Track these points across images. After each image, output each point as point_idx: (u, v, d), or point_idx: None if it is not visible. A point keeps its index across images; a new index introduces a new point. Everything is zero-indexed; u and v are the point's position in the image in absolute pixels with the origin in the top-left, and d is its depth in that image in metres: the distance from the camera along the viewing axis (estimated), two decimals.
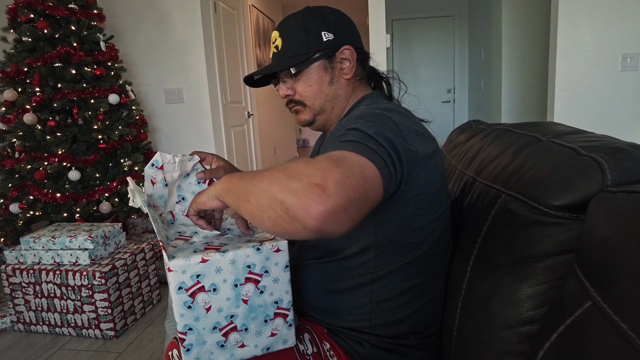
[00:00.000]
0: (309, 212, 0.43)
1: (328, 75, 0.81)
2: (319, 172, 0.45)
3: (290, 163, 0.48)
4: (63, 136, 2.16)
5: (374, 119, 0.63)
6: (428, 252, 0.72)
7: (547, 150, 0.65)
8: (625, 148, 0.54)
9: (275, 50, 0.82)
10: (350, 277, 0.72)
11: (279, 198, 0.45)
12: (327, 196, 0.43)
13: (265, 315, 0.65)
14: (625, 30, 2.36)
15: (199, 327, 0.62)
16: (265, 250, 0.63)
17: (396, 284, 0.72)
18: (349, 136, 0.57)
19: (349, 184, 0.45)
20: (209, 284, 0.61)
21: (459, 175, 0.94)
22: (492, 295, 0.62)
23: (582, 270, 0.42)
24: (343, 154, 0.51)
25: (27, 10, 2.14)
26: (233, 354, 0.65)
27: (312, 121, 0.85)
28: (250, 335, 0.65)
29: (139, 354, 1.65)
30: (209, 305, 0.62)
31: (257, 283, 0.64)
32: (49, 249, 1.81)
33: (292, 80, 0.82)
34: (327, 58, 0.80)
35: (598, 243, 0.40)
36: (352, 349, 0.74)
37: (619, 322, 0.32)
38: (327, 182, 0.43)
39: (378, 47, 2.60)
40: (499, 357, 0.59)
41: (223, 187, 0.58)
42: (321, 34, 0.79)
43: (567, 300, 0.42)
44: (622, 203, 0.42)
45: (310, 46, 0.79)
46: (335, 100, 0.82)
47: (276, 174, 0.47)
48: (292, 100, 0.84)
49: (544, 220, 0.57)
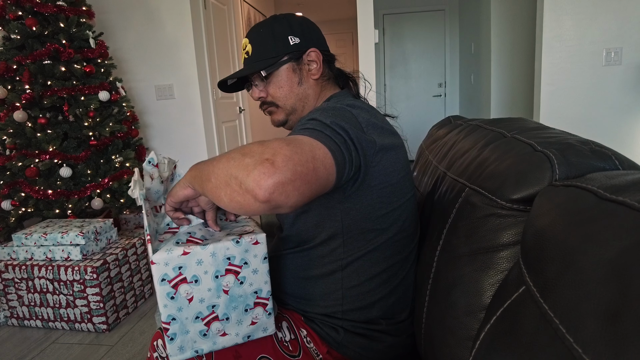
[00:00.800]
0: (259, 183, 0.48)
1: (297, 76, 0.85)
2: (270, 149, 0.50)
3: (246, 145, 0.54)
4: (54, 133, 2.18)
5: (333, 112, 0.67)
6: (393, 238, 0.76)
7: (508, 146, 0.68)
8: (575, 144, 0.58)
9: (246, 55, 0.87)
10: (322, 265, 0.76)
11: (233, 174, 0.50)
12: (275, 169, 0.48)
13: (246, 305, 0.68)
14: (609, 25, 2.39)
15: (182, 317, 0.65)
16: (244, 243, 0.66)
17: (365, 269, 0.76)
18: (307, 124, 0.62)
19: (297, 160, 0.50)
20: (190, 275, 0.64)
21: (433, 170, 0.97)
22: (455, 284, 0.66)
23: (523, 258, 0.45)
24: (296, 137, 0.56)
25: (15, 7, 2.15)
26: (215, 342, 0.68)
27: (285, 121, 0.89)
28: (231, 324, 0.68)
29: (131, 346, 1.69)
30: (191, 295, 0.65)
31: (237, 274, 0.67)
32: (40, 245, 1.83)
33: (263, 83, 0.86)
34: (295, 60, 0.84)
35: (535, 232, 0.43)
36: (328, 335, 0.78)
37: (542, 303, 0.36)
38: (276, 157, 0.49)
39: (367, 42, 2.62)
40: (461, 342, 0.63)
41: (191, 174, 0.63)
42: (288, 38, 0.83)
43: (508, 286, 0.46)
44: (560, 196, 0.45)
45: (278, 50, 0.83)
46: (305, 100, 0.86)
47: (233, 154, 0.53)
48: (265, 102, 0.88)
49: (500, 212, 0.60)
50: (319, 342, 0.77)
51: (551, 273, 0.38)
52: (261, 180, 0.47)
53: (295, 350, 0.76)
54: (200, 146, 3.03)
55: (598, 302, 0.32)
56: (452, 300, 0.66)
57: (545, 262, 0.39)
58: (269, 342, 0.76)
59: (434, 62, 4.86)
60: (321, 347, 0.77)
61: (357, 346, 0.77)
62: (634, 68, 2.41)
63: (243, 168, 0.49)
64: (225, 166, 0.52)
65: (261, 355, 0.75)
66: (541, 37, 2.49)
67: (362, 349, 0.77)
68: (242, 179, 0.49)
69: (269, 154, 0.49)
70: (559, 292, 0.35)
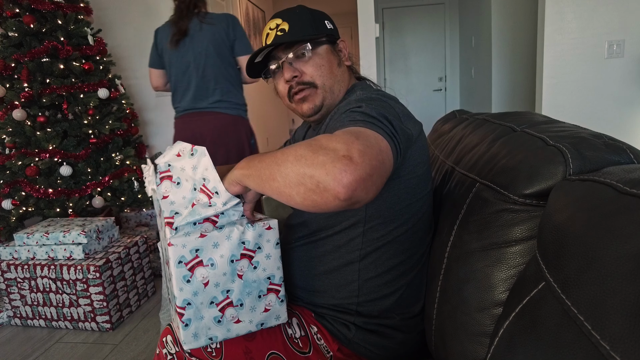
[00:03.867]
0: (340, 181, 0.46)
1: (336, 58, 0.83)
2: (343, 144, 0.49)
3: (311, 141, 0.52)
4: (53, 131, 2.16)
5: (374, 103, 0.66)
6: (412, 229, 0.76)
7: (519, 140, 0.68)
8: (588, 138, 0.57)
9: (281, 33, 0.79)
10: (339, 255, 0.76)
11: (308, 173, 0.48)
12: (354, 165, 0.47)
13: (259, 291, 0.69)
14: (610, 17, 2.38)
15: (197, 302, 0.64)
16: (258, 227, 0.67)
17: (383, 261, 0.75)
18: (357, 116, 0.60)
19: (370, 154, 0.49)
20: (207, 258, 0.64)
21: (440, 165, 0.97)
22: (467, 280, 0.65)
23: (540, 254, 0.45)
24: (358, 129, 0.55)
25: (12, 4, 2.13)
26: (229, 329, 0.67)
27: (320, 106, 0.81)
28: (245, 310, 0.68)
29: (135, 344, 1.68)
30: (207, 280, 0.65)
31: (250, 259, 0.67)
32: (42, 244, 1.83)
33: (301, 61, 0.79)
34: (331, 44, 0.83)
35: (553, 227, 0.43)
36: (339, 332, 0.77)
37: (565, 299, 0.35)
38: (352, 152, 0.47)
39: (367, 37, 2.60)
40: (473, 338, 0.62)
41: (243, 172, 0.60)
42: (324, 22, 0.83)
43: (526, 282, 0.45)
44: (577, 190, 0.45)
45: (319, 29, 0.81)
46: (341, 83, 0.83)
47: (301, 151, 0.50)
48: (301, 82, 0.79)
49: (513, 207, 0.60)
50: (329, 339, 0.77)
51: (572, 269, 0.37)
52: (343, 177, 0.46)
53: (306, 347, 0.76)
54: None
55: (624, 298, 0.31)
56: (464, 296, 0.65)
57: (566, 257, 0.38)
58: (279, 338, 0.76)
59: (434, 56, 4.84)
60: (332, 344, 0.77)
61: (368, 343, 0.77)
62: (637, 60, 2.40)
63: (319, 166, 0.47)
64: (295, 165, 0.50)
65: (271, 351, 0.75)
66: (543, 30, 2.47)
67: (373, 345, 0.77)
68: (320, 178, 0.47)
69: (343, 149, 0.48)
70: (582, 288, 0.35)
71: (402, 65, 4.92)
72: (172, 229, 0.63)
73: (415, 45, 4.86)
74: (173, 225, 0.63)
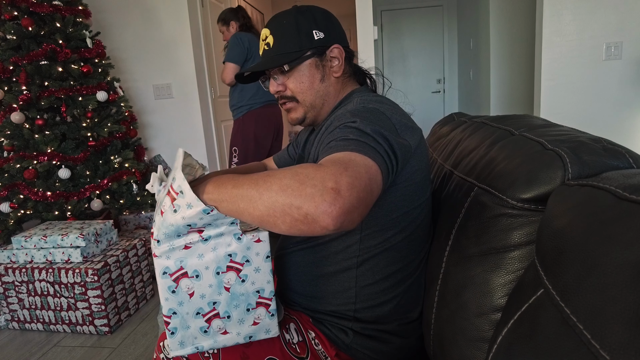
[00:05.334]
0: (330, 214, 0.47)
1: (319, 72, 0.82)
2: (331, 176, 0.49)
3: (297, 169, 0.51)
4: (52, 134, 2.16)
5: (369, 116, 0.65)
6: (410, 237, 0.75)
7: (517, 144, 0.67)
8: (587, 142, 0.57)
9: (267, 47, 0.83)
10: (336, 261, 0.75)
11: (295, 204, 0.48)
12: (342, 198, 0.47)
13: (248, 304, 0.67)
14: (609, 19, 2.38)
15: (183, 312, 0.64)
16: (246, 240, 0.65)
17: (381, 268, 0.75)
18: (349, 134, 0.60)
19: (359, 185, 0.50)
20: (191, 270, 0.63)
21: (438, 168, 0.97)
22: (465, 285, 0.65)
23: (539, 260, 0.44)
24: (349, 156, 0.54)
25: (11, 7, 2.12)
26: (216, 340, 0.67)
27: (303, 119, 0.86)
28: (232, 322, 0.67)
29: (134, 348, 1.68)
30: (192, 291, 0.64)
31: (238, 272, 0.66)
32: (40, 248, 1.82)
33: (283, 76, 0.83)
34: (318, 56, 0.82)
35: (552, 233, 0.42)
36: (337, 337, 0.77)
37: (564, 307, 0.35)
38: (339, 185, 0.48)
39: (366, 39, 2.60)
40: (472, 343, 0.62)
41: (213, 198, 0.56)
42: (312, 33, 0.81)
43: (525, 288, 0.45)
44: (576, 196, 0.44)
45: (302, 44, 0.80)
46: (325, 97, 0.84)
47: (286, 181, 0.50)
48: (284, 96, 0.85)
49: (511, 212, 0.59)
50: (327, 344, 0.76)
51: (571, 276, 0.37)
52: (332, 210, 0.47)
53: (303, 352, 0.76)
54: (200, 145, 3.01)
55: (624, 307, 0.31)
56: (462, 301, 0.65)
57: (565, 264, 0.38)
58: (276, 344, 0.75)
59: (432, 58, 4.84)
60: (329, 349, 0.76)
61: (366, 348, 0.76)
62: (635, 62, 2.41)
63: (307, 198, 0.48)
64: (280, 196, 0.49)
65: (269, 357, 0.74)
66: (541, 32, 2.47)
67: (371, 351, 0.76)
68: (309, 210, 0.47)
69: (331, 181, 0.48)
70: (581, 296, 0.35)
71: (401, 68, 4.92)
72: (154, 239, 0.62)
73: (413, 47, 4.86)
74: (154, 236, 0.63)
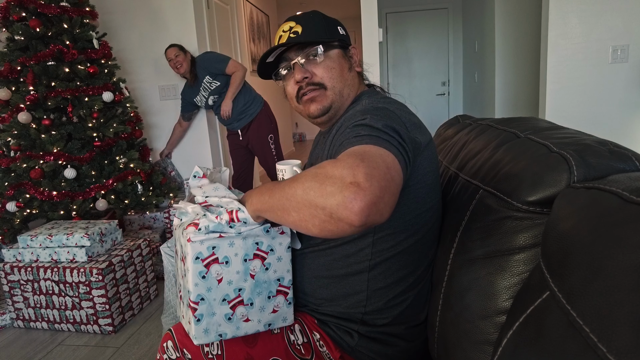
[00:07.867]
0: (352, 209, 0.46)
1: (347, 62, 0.83)
2: (348, 170, 0.48)
3: (316, 169, 0.52)
4: (58, 134, 2.18)
5: (379, 113, 0.66)
6: (422, 240, 0.75)
7: (522, 147, 0.67)
8: (593, 145, 0.57)
9: (294, 35, 0.79)
10: (348, 264, 0.75)
11: (319, 204, 0.48)
12: (363, 191, 0.46)
13: (269, 292, 0.71)
14: (615, 22, 2.37)
15: (211, 298, 0.67)
16: (273, 231, 0.70)
17: (393, 272, 0.75)
18: (361, 131, 0.60)
19: (378, 175, 0.49)
20: (222, 256, 0.67)
21: (444, 170, 0.96)
22: (470, 287, 0.65)
23: (544, 262, 0.44)
24: (362, 148, 0.54)
25: (19, 8, 2.14)
26: (239, 327, 0.70)
27: (329, 107, 0.80)
28: (254, 310, 0.71)
29: (137, 348, 1.68)
30: (221, 276, 0.68)
31: (263, 260, 0.70)
32: (46, 247, 1.83)
33: (311, 63, 0.79)
34: (343, 49, 0.84)
35: (558, 236, 0.42)
36: (342, 339, 0.77)
37: (570, 310, 0.35)
38: (358, 178, 0.47)
39: (371, 42, 2.61)
40: (476, 346, 0.62)
41: (258, 208, 0.62)
42: (337, 28, 0.83)
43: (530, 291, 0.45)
44: (581, 198, 0.44)
45: (331, 33, 0.81)
46: (350, 88, 0.83)
47: (308, 183, 0.51)
48: (311, 83, 0.79)
49: (516, 215, 0.59)
50: (332, 346, 0.76)
51: (578, 279, 0.37)
52: (354, 205, 0.46)
53: (308, 353, 0.76)
54: (204, 146, 3.03)
55: (631, 310, 0.31)
56: (467, 304, 0.65)
57: (571, 267, 0.38)
58: (281, 345, 0.75)
59: (437, 60, 4.84)
60: (334, 351, 0.76)
61: (371, 351, 0.76)
62: None
63: (328, 197, 0.47)
64: (304, 198, 0.50)
65: (273, 357, 0.74)
66: (546, 35, 2.47)
67: (376, 353, 0.76)
68: (332, 209, 0.47)
69: (349, 176, 0.47)
70: (587, 299, 0.34)
71: (406, 70, 4.92)
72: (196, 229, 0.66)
73: (418, 49, 4.86)
74: (198, 227, 0.66)
